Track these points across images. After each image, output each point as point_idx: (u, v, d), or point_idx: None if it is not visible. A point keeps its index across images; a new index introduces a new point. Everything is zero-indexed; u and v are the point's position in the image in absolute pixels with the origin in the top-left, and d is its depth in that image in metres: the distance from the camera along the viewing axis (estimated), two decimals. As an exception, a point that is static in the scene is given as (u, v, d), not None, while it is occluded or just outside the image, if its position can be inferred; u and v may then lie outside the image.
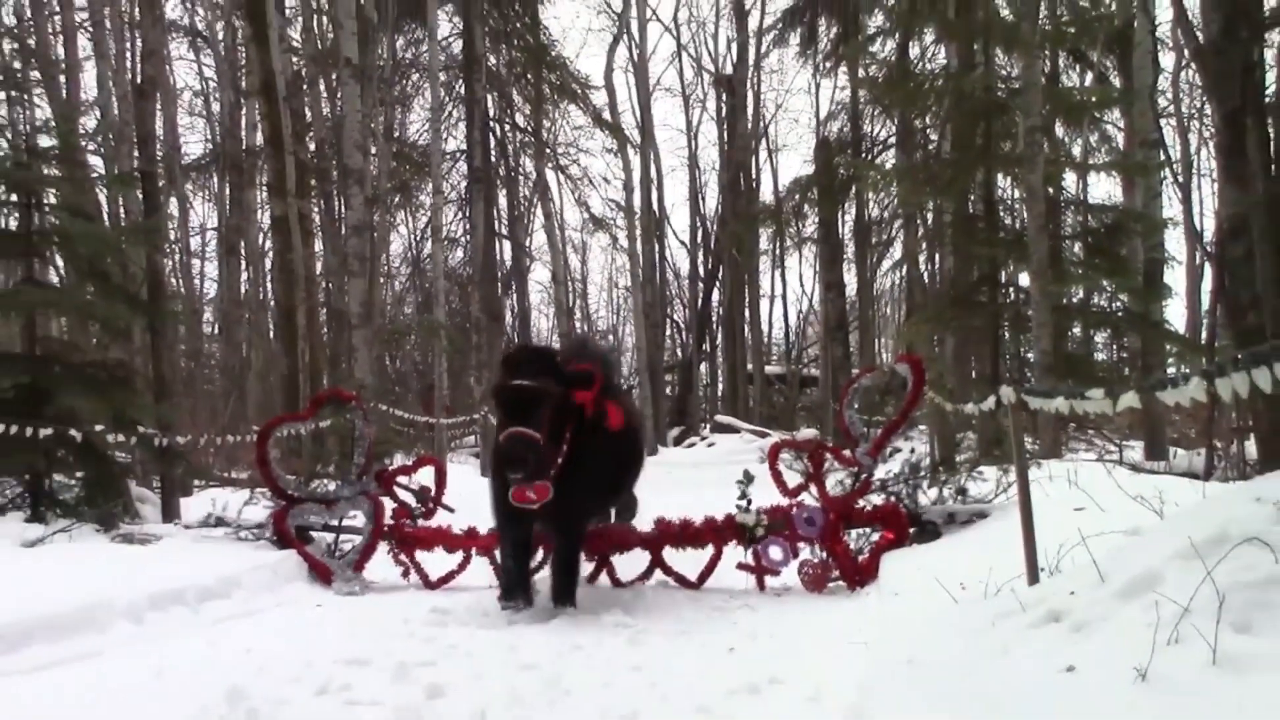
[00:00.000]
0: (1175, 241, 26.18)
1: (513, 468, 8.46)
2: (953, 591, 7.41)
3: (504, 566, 9.61)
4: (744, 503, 10.79)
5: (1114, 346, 25.89)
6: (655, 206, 43.12)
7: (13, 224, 14.92)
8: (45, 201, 14.95)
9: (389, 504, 11.73)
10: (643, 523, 11.10)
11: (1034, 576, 7.17)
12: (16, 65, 26.83)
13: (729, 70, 43.24)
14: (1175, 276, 26.21)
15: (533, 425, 8.43)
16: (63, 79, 25.40)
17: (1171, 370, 17.20)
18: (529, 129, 40.54)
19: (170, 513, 15.00)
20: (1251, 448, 12.88)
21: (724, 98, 43.65)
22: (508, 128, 40.48)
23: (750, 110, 42.99)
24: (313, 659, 7.19)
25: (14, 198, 14.74)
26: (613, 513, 11.46)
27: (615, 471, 10.16)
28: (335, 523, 11.68)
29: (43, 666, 7.30)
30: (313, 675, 6.67)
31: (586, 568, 10.81)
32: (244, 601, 10.02)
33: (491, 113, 37.89)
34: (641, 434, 11.70)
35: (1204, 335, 23.49)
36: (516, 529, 9.38)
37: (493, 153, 38.10)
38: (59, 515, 13.44)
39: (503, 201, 40.25)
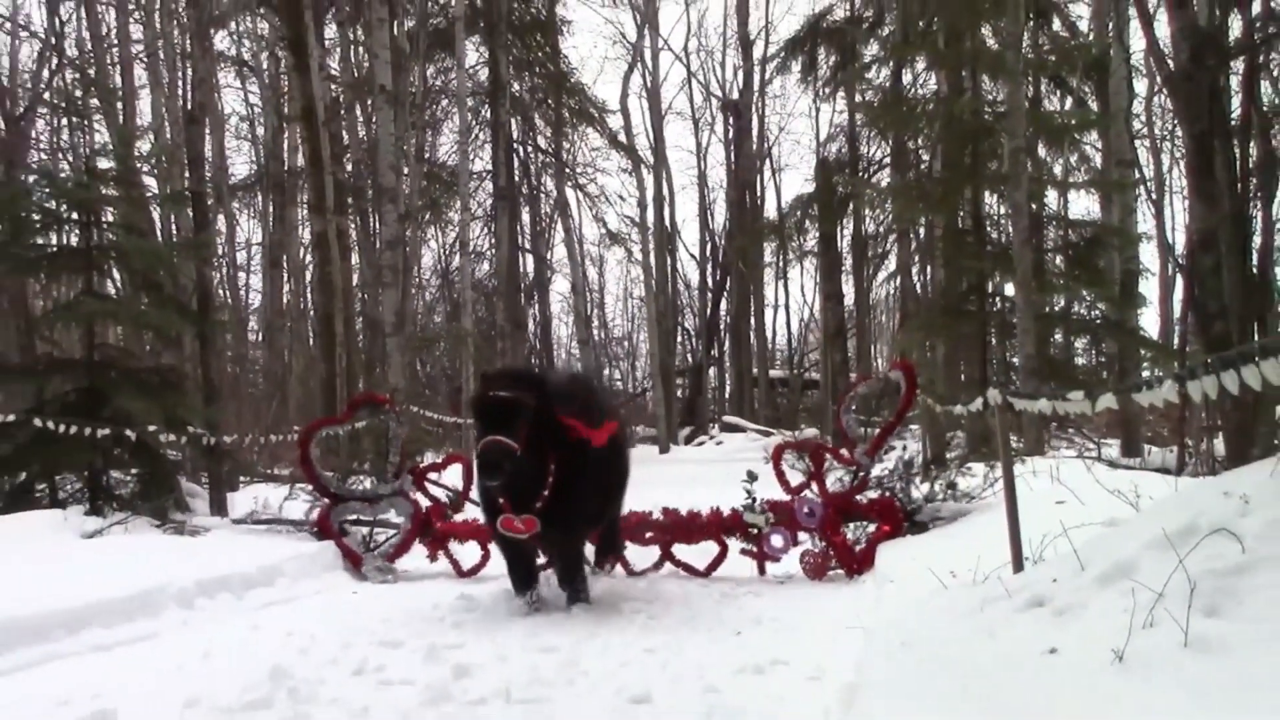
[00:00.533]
0: (1149, 254, 26.21)
1: (487, 475, 8.12)
2: (944, 579, 7.40)
3: (510, 570, 9.18)
4: (750, 500, 10.80)
5: (1093, 352, 25.83)
6: (667, 222, 43.10)
7: (74, 240, 14.97)
8: (104, 219, 15.01)
9: (422, 499, 11.75)
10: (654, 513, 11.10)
11: (1019, 565, 7.16)
12: (78, 94, 26.93)
13: (735, 96, 43.21)
14: (1149, 287, 26.20)
15: (509, 436, 7.97)
16: (120, 106, 25.49)
17: (1146, 374, 17.21)
18: (550, 150, 40.54)
19: (217, 507, 15.02)
20: (1220, 445, 12.86)
21: (731, 121, 43.64)
22: (530, 149, 40.51)
23: (755, 133, 42.99)
24: (349, 641, 7.19)
25: (75, 216, 14.81)
26: (591, 552, 10.39)
27: (602, 494, 9.47)
28: (372, 519, 11.72)
29: (102, 648, 7.34)
30: (349, 656, 6.67)
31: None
32: (285, 588, 10.05)
33: (515, 135, 37.90)
34: (626, 454, 10.51)
35: (1176, 341, 23.43)
36: (513, 542, 8.94)
37: (516, 172, 38.11)
38: (116, 509, 13.49)
39: (526, 218, 40.28)
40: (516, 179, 38.07)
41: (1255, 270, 14.20)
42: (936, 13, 19.26)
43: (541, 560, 9.91)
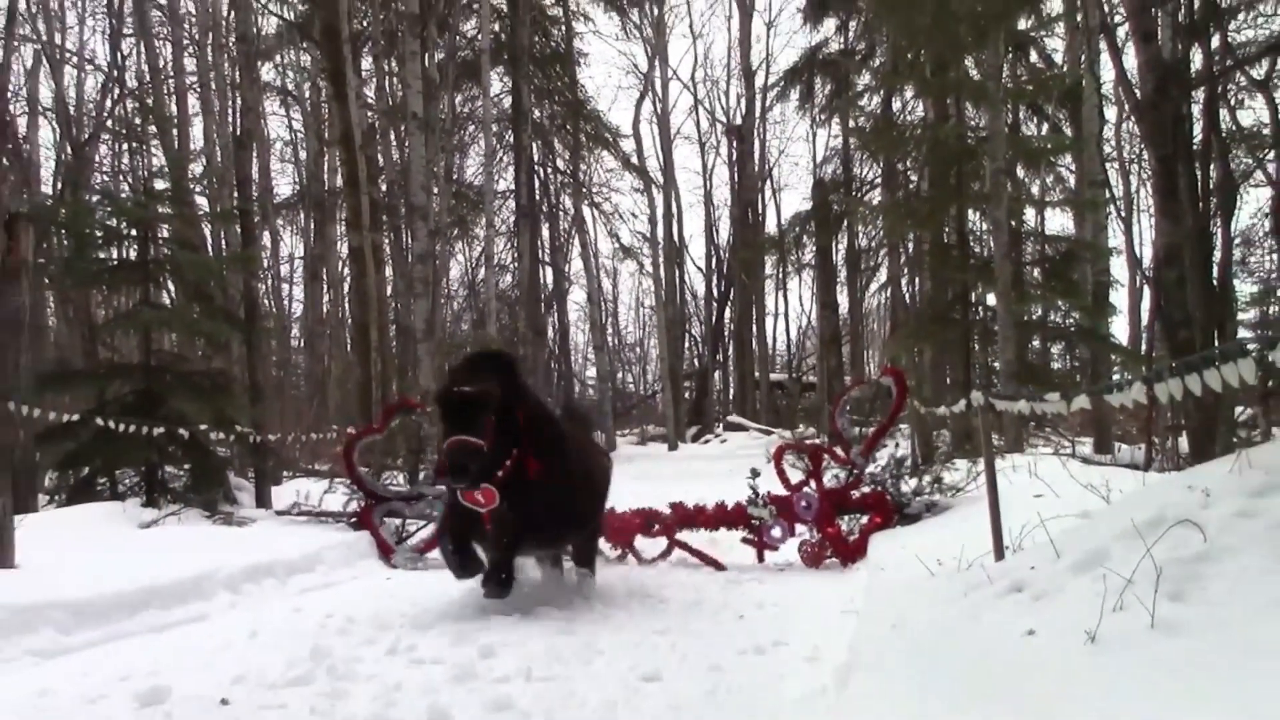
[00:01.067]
0: (1119, 267, 26.17)
1: (455, 477, 7.39)
2: (931, 567, 7.39)
3: (454, 551, 7.96)
4: (753, 495, 10.83)
5: (1068, 357, 25.74)
6: (676, 237, 43.22)
7: (133, 254, 15.02)
8: (160, 235, 15.07)
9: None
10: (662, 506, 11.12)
11: (1000, 553, 7.15)
12: (137, 121, 26.98)
13: (738, 121, 43.19)
14: (1119, 297, 26.12)
15: (474, 433, 7.30)
16: (175, 132, 25.54)
17: (1116, 377, 17.15)
18: (568, 171, 40.53)
19: (262, 499, 15.04)
20: (1184, 443, 12.85)
21: (734, 145, 43.61)
22: (550, 170, 40.50)
23: (756, 155, 43.00)
24: (384, 624, 7.21)
25: (134, 232, 14.86)
26: (565, 563, 9.55)
27: (577, 499, 8.50)
28: (411, 515, 11.78)
29: (158, 628, 7.37)
30: (384, 637, 6.68)
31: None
32: (325, 575, 10.08)
33: (536, 158, 37.90)
34: (600, 484, 9.49)
35: (1143, 347, 23.40)
36: (462, 522, 8.01)
37: (537, 192, 38.11)
38: (170, 501, 13.53)
39: (545, 233, 40.29)
40: (537, 198, 38.08)
41: (1216, 282, 14.21)
42: (924, 46, 19.23)
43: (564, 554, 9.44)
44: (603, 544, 10.89)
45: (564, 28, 39.36)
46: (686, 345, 46.55)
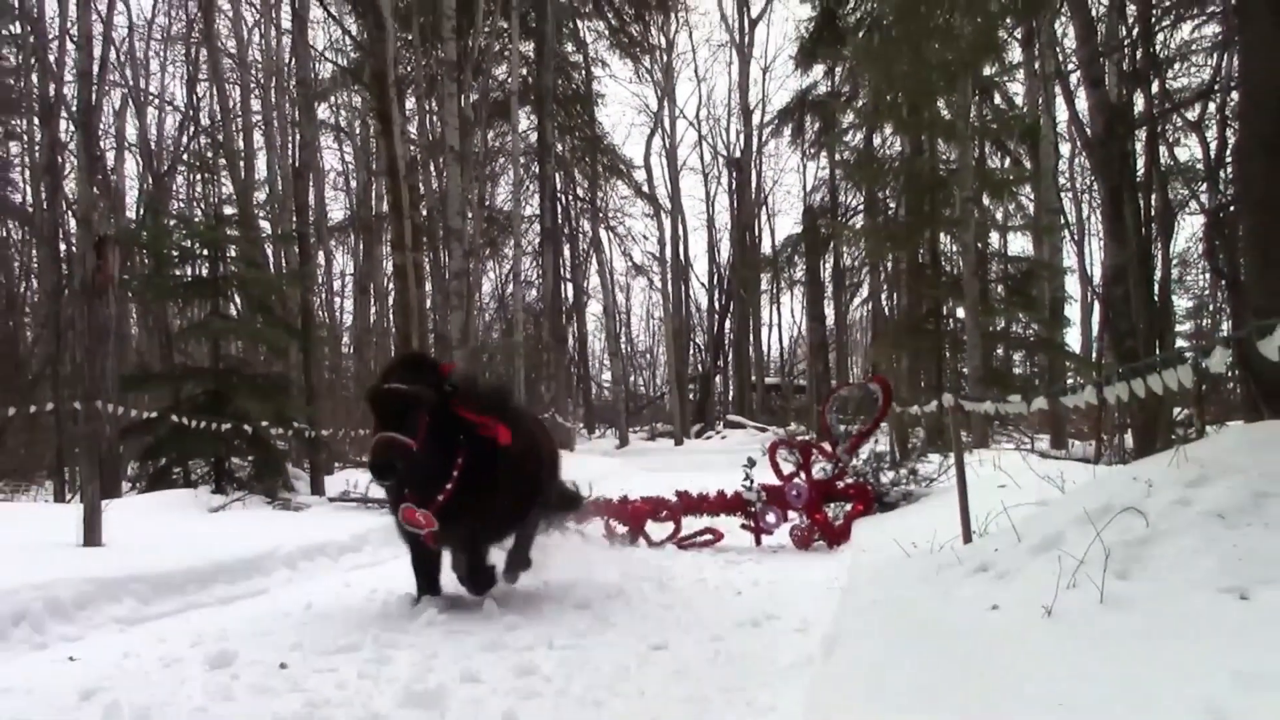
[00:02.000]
0: (1072, 284, 26.07)
1: (379, 474, 6.53)
2: (907, 549, 7.38)
3: (414, 569, 7.24)
4: (748, 484, 10.84)
5: (1027, 363, 25.70)
6: (681, 257, 43.17)
7: (204, 271, 15.07)
8: (228, 255, 15.12)
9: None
10: (668, 494, 11.11)
11: (968, 537, 7.15)
12: (209, 154, 27.06)
13: (738, 155, 43.13)
14: (1072, 311, 25.98)
15: (405, 431, 6.39)
16: (241, 164, 25.59)
17: (1071, 381, 17.11)
18: (586, 199, 40.54)
19: (316, 487, 15.08)
20: (1129, 439, 12.83)
21: (734, 175, 43.53)
22: (570, 198, 40.50)
23: (753, 185, 42.91)
24: (422, 599, 7.20)
25: (205, 252, 14.92)
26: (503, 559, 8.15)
27: (512, 497, 7.28)
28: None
29: (225, 600, 7.41)
30: (422, 611, 6.69)
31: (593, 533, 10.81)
32: (371, 554, 10.08)
33: (558, 186, 37.88)
34: (545, 467, 8.09)
35: (1094, 355, 23.35)
36: (417, 542, 7.15)
37: (559, 216, 38.09)
38: (235, 488, 13.60)
39: (566, 253, 40.22)
40: (559, 221, 38.06)
41: (1157, 298, 14.19)
42: (901, 89, 19.23)
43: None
44: (616, 526, 10.91)
45: (584, 72, 39.42)
46: (691, 352, 46.43)
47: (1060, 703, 3.26)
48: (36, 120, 23.76)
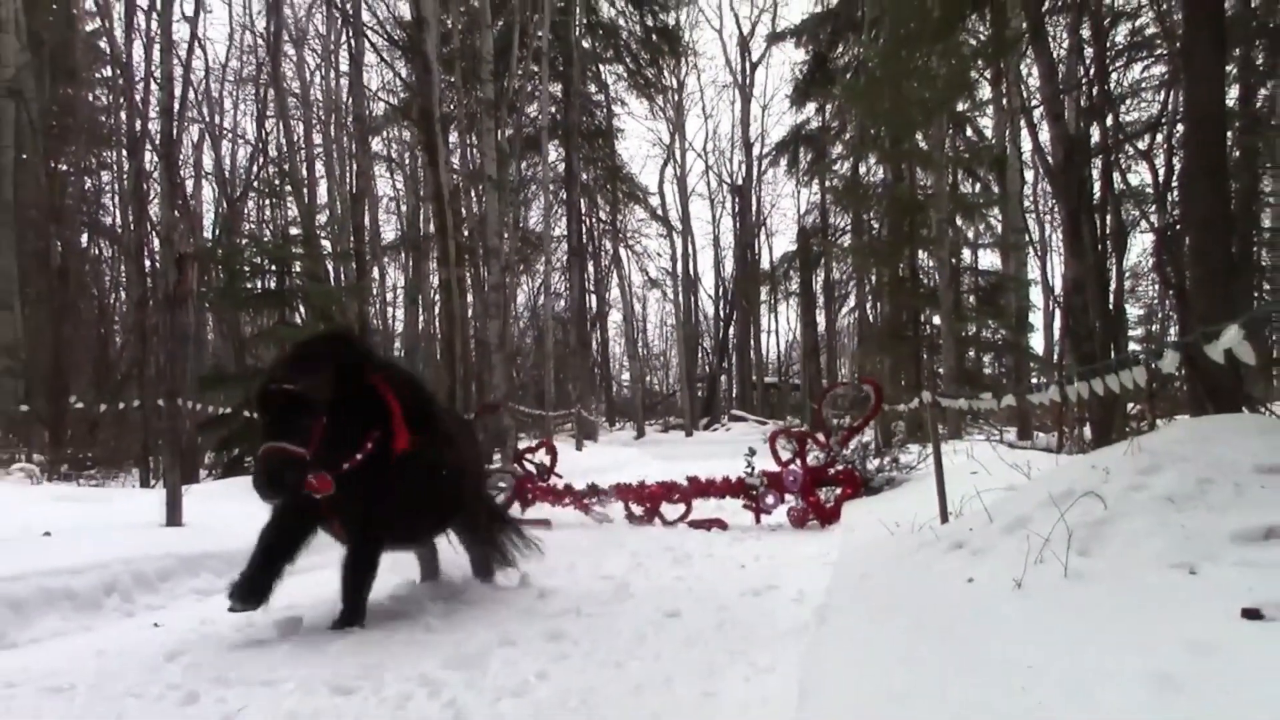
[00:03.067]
0: (1036, 295, 25.90)
1: (266, 492, 5.04)
2: (891, 528, 7.36)
3: (250, 562, 5.53)
4: (750, 470, 10.82)
5: (996, 364, 25.64)
6: (691, 272, 43.25)
7: (272, 284, 15.10)
8: (293, 270, 15.14)
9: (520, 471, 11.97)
10: (679, 479, 11.09)
11: (945, 518, 7.12)
12: (276, 182, 27.14)
13: (740, 182, 43.14)
14: (1036, 318, 25.90)
15: (295, 438, 4.98)
16: (305, 190, 25.68)
17: (1035, 381, 17.10)
18: (608, 221, 40.52)
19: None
20: (1088, 432, 12.77)
21: (736, 200, 43.53)
22: (594, 220, 40.40)
23: (754, 208, 42.88)
24: (465, 575, 7.19)
25: (273, 268, 14.93)
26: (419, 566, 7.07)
27: (417, 505, 5.91)
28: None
29: (289, 573, 7.38)
30: (461, 583, 6.70)
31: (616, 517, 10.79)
32: (421, 532, 10.06)
33: (583, 210, 37.90)
34: (468, 475, 6.56)
35: (1055, 357, 23.28)
36: (279, 526, 5.69)
37: (584, 236, 38.11)
38: (300, 476, 13.57)
39: (590, 269, 40.13)
40: (584, 241, 38.07)
41: (1112, 307, 14.18)
42: (883, 124, 19.20)
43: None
44: (634, 507, 10.91)
45: (605, 110, 39.42)
46: (699, 355, 46.41)
47: (1029, 665, 3.24)
48: (125, 152, 23.90)
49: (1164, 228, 14.47)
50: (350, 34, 25.07)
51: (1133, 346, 17.71)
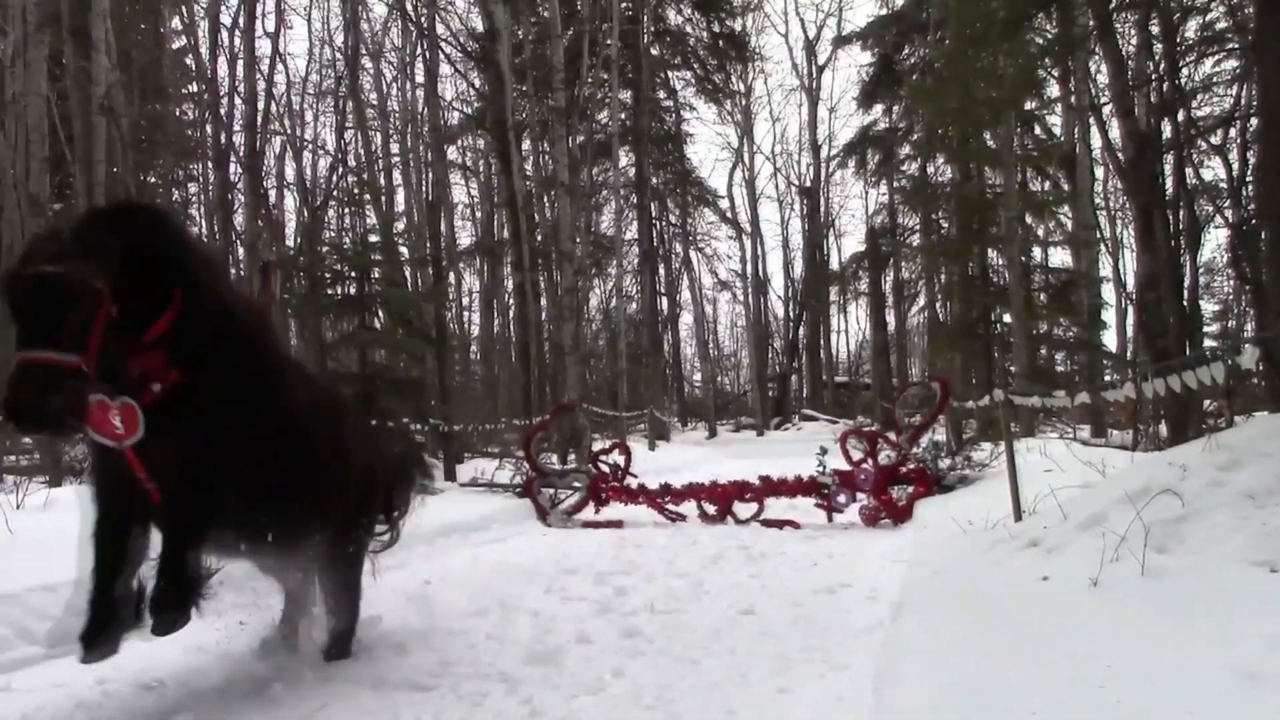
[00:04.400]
0: (1108, 292, 25.53)
1: (25, 423, 3.19)
2: (963, 526, 7.28)
3: (94, 568, 3.63)
4: (821, 469, 10.78)
5: (1069, 362, 25.24)
6: (760, 273, 42.99)
7: (352, 290, 15.29)
8: (373, 276, 15.32)
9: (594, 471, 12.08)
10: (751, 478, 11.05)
11: (1018, 516, 7.02)
12: (356, 191, 27.52)
13: (808, 184, 42.88)
14: (1109, 315, 25.51)
15: (62, 344, 3.15)
16: (383, 198, 26.03)
17: (1109, 378, 16.81)
18: (678, 224, 40.54)
19: (449, 474, 15.21)
20: (1164, 429, 12.52)
21: (805, 202, 43.26)
22: (664, 224, 40.39)
23: (822, 210, 42.61)
24: (541, 570, 7.26)
25: (354, 274, 15.13)
26: (317, 610, 5.25)
27: (288, 472, 4.09)
28: (564, 487, 11.84)
29: (371, 572, 7.47)
30: (541, 579, 6.74)
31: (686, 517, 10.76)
32: (496, 532, 10.18)
33: (654, 214, 37.94)
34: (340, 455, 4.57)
35: (1129, 354, 22.87)
36: (112, 513, 3.72)
37: (655, 240, 38.16)
38: (382, 475, 13.72)
39: (661, 271, 40.13)
40: (655, 244, 38.11)
41: (1186, 303, 13.88)
42: (951, 124, 18.99)
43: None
44: (707, 506, 10.89)
45: (674, 115, 39.43)
46: (769, 355, 46.22)
47: (1107, 664, 3.18)
48: (211, 164, 24.43)
49: (1239, 223, 14.14)
50: (425, 47, 25.28)
51: (1208, 343, 17.35)
